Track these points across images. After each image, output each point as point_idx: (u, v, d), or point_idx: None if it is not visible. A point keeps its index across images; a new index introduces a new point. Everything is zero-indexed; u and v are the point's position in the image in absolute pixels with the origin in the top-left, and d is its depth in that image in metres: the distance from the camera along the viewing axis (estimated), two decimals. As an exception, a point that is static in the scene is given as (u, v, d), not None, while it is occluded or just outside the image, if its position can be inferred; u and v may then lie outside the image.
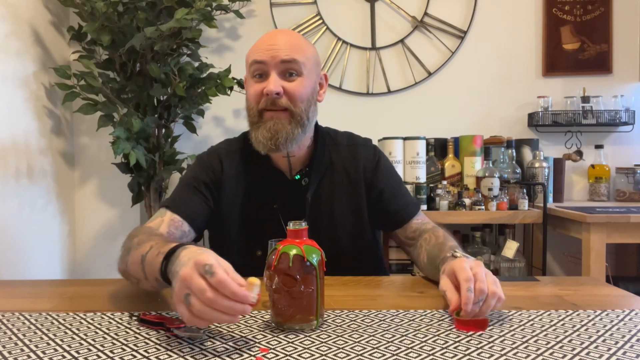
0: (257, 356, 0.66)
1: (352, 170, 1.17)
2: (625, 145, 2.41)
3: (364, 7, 2.45)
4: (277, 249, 0.77)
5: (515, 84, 2.44)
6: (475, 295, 0.77)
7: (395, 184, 1.21)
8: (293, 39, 1.09)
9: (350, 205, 1.16)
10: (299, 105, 1.05)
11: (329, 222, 1.15)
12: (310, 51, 1.11)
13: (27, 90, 1.97)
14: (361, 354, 0.67)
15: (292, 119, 1.05)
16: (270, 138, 1.04)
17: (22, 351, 0.68)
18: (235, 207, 1.14)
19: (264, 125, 1.05)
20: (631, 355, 0.66)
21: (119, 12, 1.92)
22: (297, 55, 1.05)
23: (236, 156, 1.17)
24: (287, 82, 1.05)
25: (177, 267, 0.70)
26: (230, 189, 1.15)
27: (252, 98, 1.07)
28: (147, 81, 2.04)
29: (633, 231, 1.84)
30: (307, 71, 1.07)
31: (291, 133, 1.05)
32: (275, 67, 1.04)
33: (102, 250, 2.35)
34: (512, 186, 2.07)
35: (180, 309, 0.67)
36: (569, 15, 2.41)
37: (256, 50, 1.07)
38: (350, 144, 1.20)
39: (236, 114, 2.48)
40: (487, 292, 0.78)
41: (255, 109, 1.07)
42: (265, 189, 1.14)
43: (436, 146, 2.23)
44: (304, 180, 1.14)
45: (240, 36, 2.46)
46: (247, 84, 1.11)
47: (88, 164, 2.36)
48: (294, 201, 1.13)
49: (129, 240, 0.96)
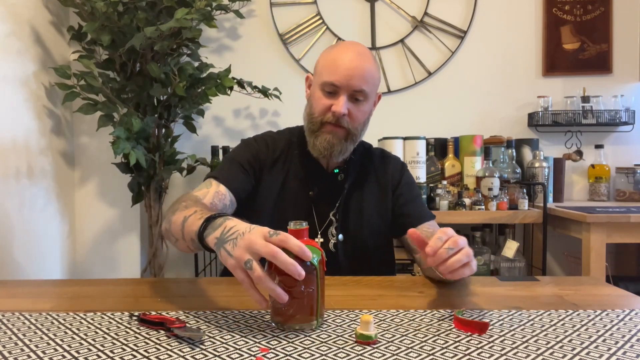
0: (257, 356, 0.66)
1: (382, 177, 1.28)
2: (625, 145, 2.42)
3: (364, 7, 2.45)
4: None
5: (515, 84, 2.44)
6: (447, 242, 0.80)
7: (414, 194, 1.29)
8: (366, 65, 1.15)
9: (377, 207, 1.25)
10: (357, 126, 1.18)
11: (357, 219, 1.23)
12: (377, 77, 1.20)
13: (27, 90, 1.97)
14: (361, 354, 0.67)
15: (349, 136, 1.17)
16: (327, 148, 1.16)
17: (22, 351, 0.68)
18: (274, 190, 1.22)
19: (323, 136, 1.16)
20: (631, 355, 0.66)
21: (119, 12, 1.92)
22: (366, 86, 1.15)
23: (281, 144, 1.27)
24: (352, 106, 1.15)
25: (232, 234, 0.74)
26: (271, 172, 1.24)
27: (318, 108, 1.17)
28: (147, 81, 2.04)
29: (633, 231, 1.84)
30: (370, 96, 1.18)
31: (345, 148, 1.18)
32: (347, 91, 1.14)
33: (102, 250, 2.35)
34: (512, 186, 2.07)
35: (239, 275, 0.71)
36: (569, 15, 2.41)
37: (332, 71, 1.14)
38: (382, 156, 1.33)
39: (236, 113, 2.48)
40: (460, 248, 0.80)
41: (318, 119, 1.17)
42: (304, 177, 1.24)
43: (436, 146, 2.23)
44: (340, 175, 1.24)
45: (240, 36, 2.46)
46: (314, 91, 1.19)
47: (88, 164, 2.36)
48: (330, 192, 1.23)
49: (177, 203, 1.01)
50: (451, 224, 2.03)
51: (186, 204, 0.97)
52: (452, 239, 0.81)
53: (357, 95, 1.15)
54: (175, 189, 2.40)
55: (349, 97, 1.14)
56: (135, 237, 2.35)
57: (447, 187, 2.07)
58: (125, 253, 2.35)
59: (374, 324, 0.72)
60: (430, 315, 0.83)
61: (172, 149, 2.16)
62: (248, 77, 2.18)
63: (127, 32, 1.93)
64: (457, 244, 0.80)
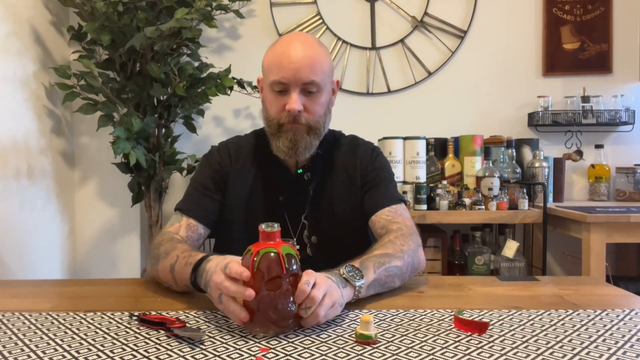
0: (257, 356, 0.66)
1: (351, 168, 1.22)
2: (625, 145, 2.41)
3: (364, 6, 2.45)
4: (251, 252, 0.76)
5: (515, 83, 2.44)
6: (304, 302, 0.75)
7: (381, 178, 1.21)
8: (313, 54, 1.10)
9: (349, 201, 1.20)
10: (317, 119, 1.13)
11: (329, 216, 1.19)
12: (327, 64, 1.14)
13: (27, 90, 1.97)
14: (361, 354, 0.67)
15: (311, 131, 1.13)
16: (291, 147, 1.12)
17: (22, 351, 0.68)
18: (242, 199, 1.20)
19: (285, 135, 1.12)
20: (631, 355, 0.66)
21: (119, 12, 1.92)
22: (316, 77, 1.09)
23: (245, 151, 1.24)
24: (306, 100, 1.11)
25: (208, 276, 0.83)
26: (237, 182, 1.21)
27: (273, 110, 1.13)
28: (147, 81, 2.04)
29: (633, 231, 1.84)
30: (324, 85, 1.13)
31: (310, 143, 1.13)
32: (296, 86, 1.09)
33: (102, 250, 2.35)
34: (512, 186, 2.07)
35: (219, 307, 0.79)
36: (569, 15, 2.41)
37: (277, 68, 1.09)
38: (352, 144, 1.26)
39: (236, 113, 2.48)
40: (315, 304, 0.75)
41: (275, 122, 1.13)
42: (271, 182, 1.20)
43: (436, 146, 2.23)
44: (307, 175, 1.20)
45: (240, 36, 2.46)
46: (267, 95, 1.15)
47: (88, 164, 2.36)
48: (298, 195, 1.19)
49: (156, 249, 1.04)
50: (451, 224, 2.03)
51: (165, 249, 1.00)
52: (310, 296, 0.75)
53: (309, 88, 1.09)
54: (175, 189, 2.40)
55: (301, 92, 1.09)
56: (135, 237, 2.35)
57: (447, 187, 2.07)
58: (125, 253, 2.35)
59: (374, 324, 0.72)
60: (430, 315, 0.83)
61: (172, 149, 2.16)
62: (248, 77, 2.18)
63: (127, 32, 1.93)
64: (314, 300, 0.75)
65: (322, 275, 0.81)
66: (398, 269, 0.97)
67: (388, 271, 0.95)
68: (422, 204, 1.99)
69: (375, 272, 0.92)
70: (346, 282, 0.86)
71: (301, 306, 0.75)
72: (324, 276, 0.81)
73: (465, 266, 2.06)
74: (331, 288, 0.80)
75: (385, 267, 0.94)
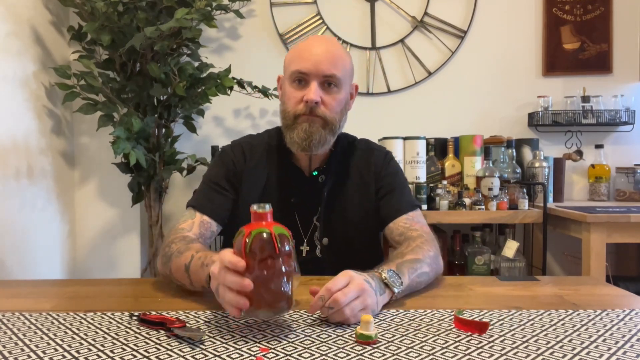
0: (257, 356, 0.66)
1: (365, 173, 1.23)
2: (625, 145, 2.41)
3: (364, 7, 2.45)
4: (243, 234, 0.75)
5: (515, 83, 2.44)
6: (328, 301, 0.77)
7: (396, 184, 1.22)
8: (335, 50, 1.13)
9: (362, 204, 1.21)
10: (333, 115, 1.13)
11: (342, 219, 1.20)
12: (349, 63, 1.16)
13: (27, 90, 1.97)
14: (361, 354, 0.67)
15: (326, 126, 1.12)
16: (305, 139, 1.11)
17: (22, 351, 0.68)
18: (254, 198, 1.19)
19: (300, 127, 1.11)
20: (631, 355, 0.66)
21: (119, 12, 1.92)
22: (337, 71, 1.10)
23: (259, 150, 1.23)
24: (325, 94, 1.11)
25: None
26: (250, 181, 1.21)
27: (291, 102, 1.13)
28: (147, 81, 2.04)
29: (633, 231, 1.84)
30: (344, 82, 1.14)
31: (324, 137, 1.12)
32: (317, 77, 1.10)
33: (102, 250, 2.35)
34: (512, 186, 2.07)
35: (218, 300, 0.77)
36: (569, 15, 2.41)
37: (299, 60, 1.11)
38: (366, 148, 1.27)
39: (236, 113, 2.48)
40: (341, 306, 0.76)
41: (292, 113, 1.12)
42: (284, 183, 1.21)
43: (436, 146, 2.23)
44: (321, 177, 1.20)
45: (240, 36, 2.46)
46: (285, 87, 1.16)
47: (88, 164, 2.36)
48: (311, 197, 1.20)
49: (168, 247, 1.03)
50: (451, 224, 2.03)
51: (178, 248, 0.99)
52: (334, 297, 0.77)
53: (329, 80, 1.10)
54: (175, 189, 2.40)
55: (321, 85, 1.10)
56: (135, 237, 2.35)
57: (447, 187, 2.07)
58: (125, 253, 2.35)
59: (374, 324, 0.72)
60: (430, 315, 0.83)
61: (172, 149, 2.17)
62: (248, 77, 2.18)
63: (127, 32, 1.93)
64: (338, 302, 0.76)
65: (361, 277, 0.81)
66: (426, 274, 0.99)
67: (419, 277, 0.96)
68: (422, 204, 1.99)
69: (410, 277, 0.93)
70: (386, 287, 0.86)
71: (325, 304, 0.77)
72: (362, 279, 0.81)
73: (465, 266, 2.06)
74: (365, 293, 0.79)
75: (417, 272, 0.96)
